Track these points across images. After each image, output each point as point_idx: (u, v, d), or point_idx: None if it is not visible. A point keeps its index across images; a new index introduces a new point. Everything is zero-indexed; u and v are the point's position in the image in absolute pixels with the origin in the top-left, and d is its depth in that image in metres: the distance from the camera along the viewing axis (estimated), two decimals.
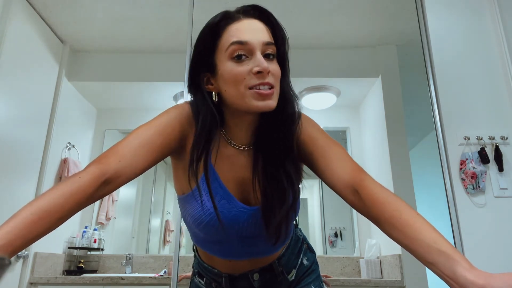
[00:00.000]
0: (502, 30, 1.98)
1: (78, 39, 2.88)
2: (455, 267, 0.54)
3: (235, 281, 0.91)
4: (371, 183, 0.70)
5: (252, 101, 0.72)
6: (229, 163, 0.82)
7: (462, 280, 0.52)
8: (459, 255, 0.55)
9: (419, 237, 0.59)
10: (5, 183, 2.20)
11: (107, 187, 0.67)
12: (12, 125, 2.28)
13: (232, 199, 0.80)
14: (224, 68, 0.74)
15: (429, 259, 0.57)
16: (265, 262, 0.90)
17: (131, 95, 3.18)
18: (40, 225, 0.57)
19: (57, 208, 0.59)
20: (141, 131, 0.74)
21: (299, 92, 3.09)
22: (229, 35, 0.74)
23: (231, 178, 0.82)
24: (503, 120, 1.91)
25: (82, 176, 0.63)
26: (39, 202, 0.58)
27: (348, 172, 0.74)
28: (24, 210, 0.57)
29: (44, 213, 0.57)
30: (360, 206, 0.70)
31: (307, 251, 1.00)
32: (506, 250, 1.72)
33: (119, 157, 0.68)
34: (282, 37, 0.80)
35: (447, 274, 0.54)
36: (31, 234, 0.56)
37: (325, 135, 0.83)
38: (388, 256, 2.57)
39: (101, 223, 3.07)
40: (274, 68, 0.75)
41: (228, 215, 0.80)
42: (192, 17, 2.22)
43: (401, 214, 0.62)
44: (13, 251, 0.54)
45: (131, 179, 0.71)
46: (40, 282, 2.38)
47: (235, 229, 0.81)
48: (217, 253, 0.89)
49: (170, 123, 0.77)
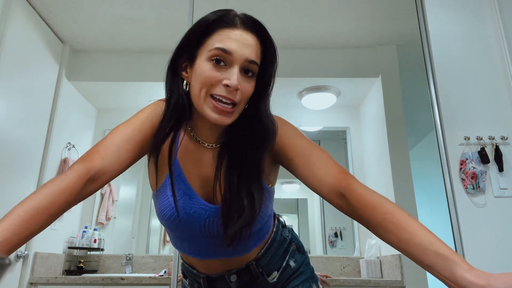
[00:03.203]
0: (502, 30, 1.98)
1: (78, 39, 2.88)
2: (454, 269, 0.53)
3: (213, 282, 0.90)
4: (358, 187, 0.68)
5: (208, 110, 0.73)
6: (194, 159, 0.82)
7: (462, 282, 0.52)
8: (457, 256, 0.55)
9: (415, 240, 0.58)
10: (5, 183, 2.20)
11: (93, 185, 0.69)
12: (12, 125, 2.28)
13: (194, 196, 0.80)
14: (200, 64, 0.75)
15: (427, 262, 0.56)
16: (240, 262, 0.88)
17: (131, 95, 3.18)
18: (34, 222, 0.58)
19: (48, 205, 0.61)
20: (121, 129, 0.77)
21: (299, 92, 3.10)
22: (218, 38, 0.74)
23: (195, 175, 0.82)
24: (503, 120, 1.91)
25: (69, 174, 0.65)
26: (30, 200, 0.60)
27: (333, 176, 0.73)
28: (16, 208, 0.58)
29: (36, 210, 0.59)
30: (349, 210, 0.69)
31: (295, 253, 0.96)
32: (506, 250, 1.72)
33: (102, 155, 0.71)
34: (272, 58, 0.79)
35: (447, 276, 0.54)
36: (26, 231, 0.57)
37: (306, 140, 0.82)
38: (388, 256, 2.57)
39: (101, 223, 3.07)
40: (246, 86, 0.74)
41: (189, 211, 0.80)
42: (192, 17, 2.22)
43: (393, 217, 0.61)
44: (10, 249, 0.55)
45: (115, 176, 0.73)
46: (40, 282, 2.38)
47: (197, 226, 0.81)
48: (188, 252, 0.89)
49: (148, 119, 0.80)
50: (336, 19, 2.65)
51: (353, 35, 2.82)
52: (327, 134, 3.34)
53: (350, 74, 2.93)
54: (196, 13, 2.22)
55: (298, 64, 2.93)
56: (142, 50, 2.99)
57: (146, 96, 3.16)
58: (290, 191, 3.34)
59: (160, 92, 0.79)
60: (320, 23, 2.69)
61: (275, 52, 0.79)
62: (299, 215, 3.32)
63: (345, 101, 3.21)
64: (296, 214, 3.33)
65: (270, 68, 0.79)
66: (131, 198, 3.35)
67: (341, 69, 2.94)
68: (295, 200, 3.35)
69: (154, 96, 3.15)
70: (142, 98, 3.19)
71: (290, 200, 3.34)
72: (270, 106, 0.82)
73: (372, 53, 2.92)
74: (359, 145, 3.22)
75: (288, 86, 3.01)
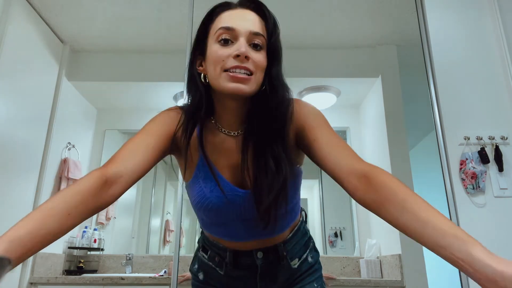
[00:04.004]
0: (502, 30, 1.98)
1: (78, 39, 2.88)
2: (471, 250, 0.51)
3: (239, 256, 0.93)
4: (384, 171, 0.68)
5: (225, 83, 0.76)
6: (221, 149, 0.86)
7: (478, 263, 0.49)
8: (475, 240, 0.52)
9: (434, 221, 0.56)
10: (5, 183, 2.20)
11: (112, 188, 0.70)
12: (12, 125, 2.28)
13: (226, 184, 0.84)
14: (210, 49, 0.79)
15: (442, 243, 0.54)
16: (270, 243, 0.92)
17: (131, 95, 3.18)
18: (50, 221, 0.59)
19: (63, 204, 0.61)
20: (135, 137, 0.80)
21: (299, 92, 3.10)
22: (220, 20, 0.80)
23: (225, 164, 0.86)
24: (503, 120, 1.91)
25: (83, 178, 0.67)
26: (45, 203, 0.61)
27: (355, 161, 0.73)
28: (31, 212, 0.59)
29: (50, 210, 0.60)
30: (366, 190, 0.67)
31: (313, 250, 1.03)
32: (506, 250, 1.71)
33: (118, 160, 0.73)
34: (273, 28, 0.82)
35: (461, 257, 0.51)
36: (42, 230, 0.57)
37: (330, 126, 0.84)
38: (388, 256, 2.57)
39: (101, 223, 3.08)
40: (257, 57, 0.77)
41: (224, 199, 0.83)
42: (192, 17, 2.22)
43: (415, 199, 0.60)
44: (24, 247, 0.55)
45: (134, 179, 0.75)
46: (40, 282, 2.38)
47: (234, 212, 0.85)
48: (223, 235, 0.92)
49: (161, 125, 0.83)
50: (336, 19, 2.65)
51: (353, 35, 2.82)
52: None
53: (350, 74, 2.93)
54: (196, 13, 2.22)
55: (298, 64, 2.93)
56: (142, 50, 2.99)
57: (146, 96, 3.16)
58: None
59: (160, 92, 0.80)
60: (320, 23, 2.69)
61: (275, 22, 0.83)
62: None
63: (345, 101, 3.21)
64: None
65: (274, 37, 0.82)
66: (131, 198, 3.34)
67: (341, 69, 2.94)
68: None
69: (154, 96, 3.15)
70: (142, 98, 3.20)
71: None
72: (283, 75, 0.85)
73: (372, 53, 2.92)
74: (359, 145, 3.22)
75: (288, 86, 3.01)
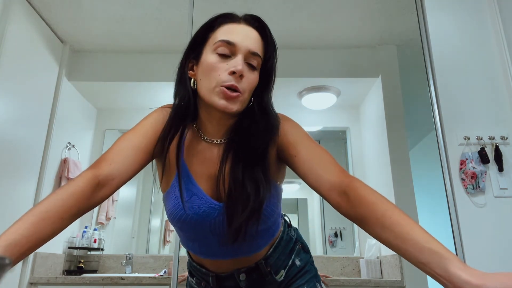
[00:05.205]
0: (502, 30, 1.98)
1: (78, 39, 2.88)
2: (448, 266, 0.52)
3: (222, 280, 0.91)
4: (361, 185, 0.69)
5: (216, 98, 0.76)
6: (201, 158, 0.84)
7: (456, 280, 0.51)
8: (452, 255, 0.54)
9: (411, 236, 0.58)
10: (5, 183, 2.20)
11: (103, 190, 0.71)
12: (12, 125, 2.28)
13: (203, 196, 0.81)
14: (206, 57, 0.79)
15: (421, 259, 0.56)
16: (250, 261, 0.89)
17: (131, 95, 3.18)
18: (44, 225, 0.60)
19: (57, 209, 0.62)
20: (127, 136, 0.79)
21: (299, 92, 3.10)
22: (222, 32, 0.79)
23: (204, 175, 0.83)
24: (503, 120, 1.91)
25: (77, 180, 0.68)
26: (39, 206, 0.62)
27: (335, 174, 0.73)
28: (25, 214, 0.60)
29: (45, 214, 0.61)
30: (347, 207, 0.69)
31: (301, 252, 0.98)
32: (506, 250, 1.72)
33: (110, 161, 0.73)
34: (272, 53, 0.83)
35: (440, 273, 0.53)
36: (36, 234, 0.58)
37: (310, 139, 0.83)
38: (388, 256, 2.57)
39: (101, 223, 3.08)
40: (250, 76, 0.78)
41: (199, 211, 0.81)
42: (192, 17, 2.22)
43: (392, 214, 0.61)
44: (19, 251, 0.56)
45: (125, 181, 0.75)
46: (40, 282, 2.38)
47: (207, 225, 0.82)
48: (199, 253, 0.90)
49: (151, 125, 0.82)
50: (336, 19, 2.65)
51: (353, 35, 2.82)
52: (327, 134, 3.34)
53: (350, 74, 2.93)
54: (196, 13, 2.22)
55: (298, 64, 2.93)
56: (142, 50, 2.99)
57: (146, 96, 3.17)
58: (290, 191, 3.34)
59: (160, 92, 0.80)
60: (320, 23, 2.69)
61: (275, 46, 0.83)
62: (299, 215, 3.32)
63: (345, 101, 3.21)
64: (296, 214, 3.33)
65: (271, 61, 0.83)
66: (131, 198, 3.35)
67: (341, 69, 2.94)
68: (295, 200, 3.35)
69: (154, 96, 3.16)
70: (142, 98, 3.19)
71: (290, 200, 3.34)
72: (272, 100, 0.85)
73: (372, 53, 2.92)
74: (359, 145, 3.22)
75: (288, 86, 3.01)
